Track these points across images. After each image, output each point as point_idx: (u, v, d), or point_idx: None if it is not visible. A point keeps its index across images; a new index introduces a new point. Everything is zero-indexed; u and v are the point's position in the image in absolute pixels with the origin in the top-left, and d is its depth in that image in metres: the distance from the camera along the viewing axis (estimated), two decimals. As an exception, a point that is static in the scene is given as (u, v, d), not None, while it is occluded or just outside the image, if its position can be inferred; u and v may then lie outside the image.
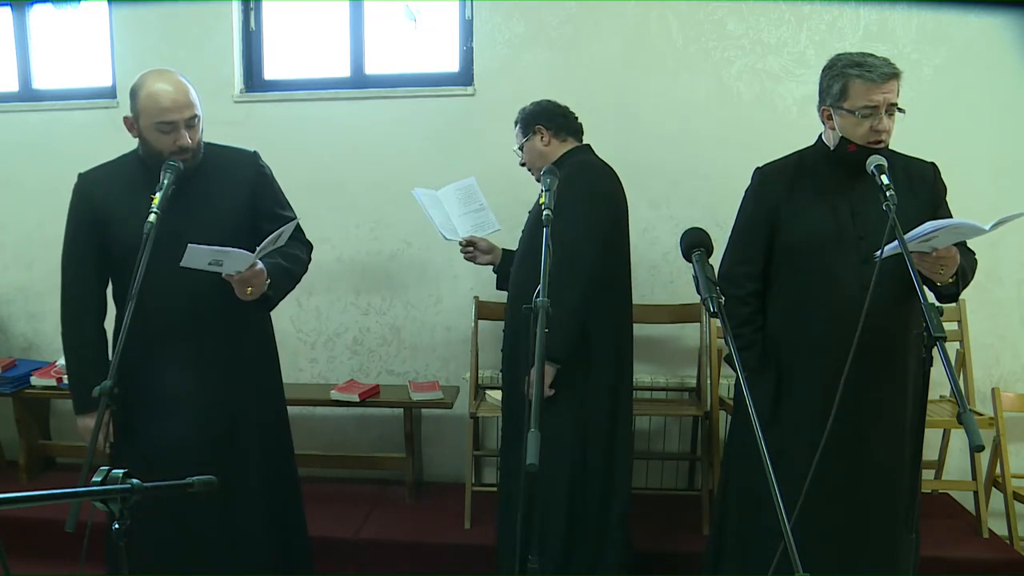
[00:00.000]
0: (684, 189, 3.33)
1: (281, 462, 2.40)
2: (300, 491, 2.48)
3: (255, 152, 2.33)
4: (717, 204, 3.10)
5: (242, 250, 1.96)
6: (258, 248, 1.99)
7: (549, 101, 2.63)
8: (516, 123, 2.66)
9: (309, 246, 2.40)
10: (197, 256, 1.93)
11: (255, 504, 2.28)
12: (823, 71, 2.14)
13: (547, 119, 2.59)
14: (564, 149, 2.57)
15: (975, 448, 1.55)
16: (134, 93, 2.08)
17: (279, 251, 2.15)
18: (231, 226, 2.14)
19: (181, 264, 1.93)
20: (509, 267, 2.68)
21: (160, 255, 1.91)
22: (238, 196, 2.22)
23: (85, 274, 2.20)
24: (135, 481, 1.34)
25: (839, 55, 2.11)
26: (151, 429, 2.17)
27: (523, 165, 2.67)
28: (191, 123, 2.08)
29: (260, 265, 2.06)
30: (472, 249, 2.82)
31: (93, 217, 2.18)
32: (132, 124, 2.11)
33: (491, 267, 2.85)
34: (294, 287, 2.31)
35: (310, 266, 2.37)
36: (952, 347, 3.13)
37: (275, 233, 2.02)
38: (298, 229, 2.34)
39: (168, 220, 1.98)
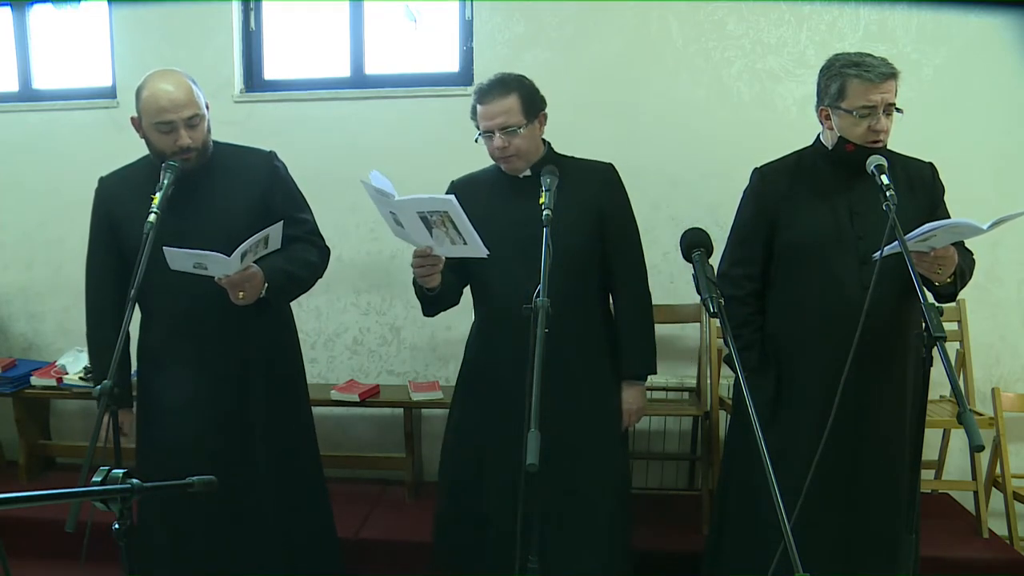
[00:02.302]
0: (684, 189, 3.33)
1: (299, 462, 2.37)
2: (326, 491, 2.48)
3: (271, 152, 2.30)
4: (717, 204, 3.09)
5: (221, 254, 1.92)
6: (236, 251, 1.94)
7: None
8: (501, 92, 2.15)
9: (324, 251, 2.34)
10: (178, 260, 1.93)
11: (265, 506, 2.27)
12: (821, 71, 2.14)
13: (545, 105, 2.23)
14: (543, 146, 2.27)
15: (975, 448, 1.55)
16: (138, 93, 2.09)
17: (283, 255, 2.13)
18: (240, 228, 2.09)
19: (171, 267, 1.93)
20: (451, 292, 2.26)
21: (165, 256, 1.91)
22: (249, 197, 2.19)
23: (105, 277, 2.22)
24: (135, 481, 1.34)
25: (837, 55, 2.11)
26: (161, 429, 2.19)
27: (502, 151, 2.17)
28: (192, 123, 2.07)
29: (255, 268, 2.04)
30: (438, 263, 2.06)
31: (109, 220, 2.20)
32: (138, 124, 2.12)
33: (429, 291, 2.15)
34: (301, 292, 2.29)
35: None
36: (952, 347, 3.12)
37: (256, 236, 1.97)
38: (314, 233, 2.33)
39: (174, 221, 1.99)
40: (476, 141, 2.25)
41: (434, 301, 2.23)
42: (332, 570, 2.48)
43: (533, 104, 2.17)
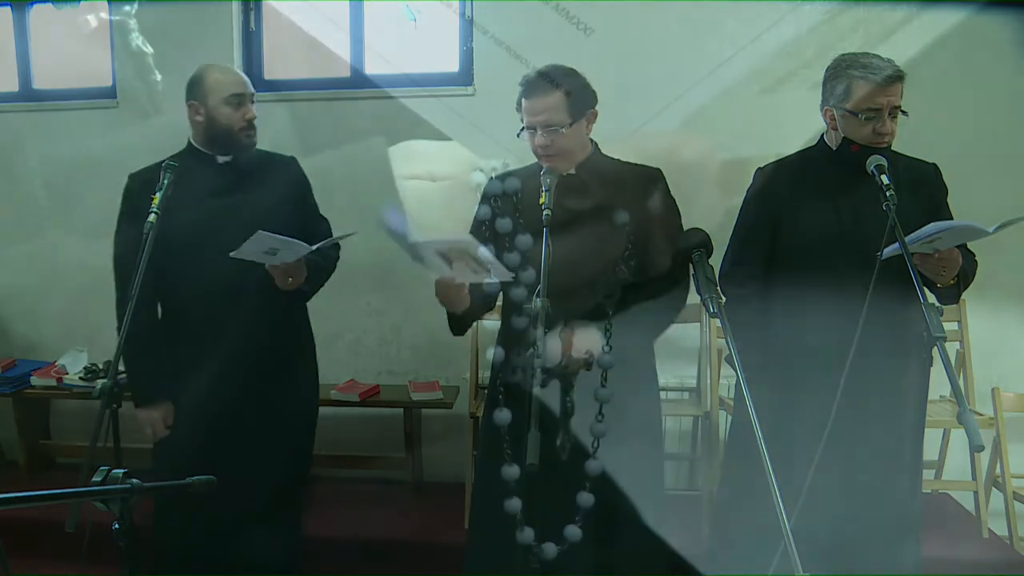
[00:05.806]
0: (684, 189, 3.31)
1: (301, 460, 2.49)
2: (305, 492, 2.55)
3: (294, 157, 2.48)
4: (717, 204, 3.09)
5: (300, 241, 2.09)
6: (316, 245, 2.15)
7: None
8: (546, 88, 1.96)
9: (339, 248, 2.52)
10: (260, 243, 2.03)
11: (273, 497, 2.36)
12: (826, 72, 2.13)
13: (595, 102, 2.06)
14: (590, 145, 2.12)
15: (975, 448, 1.55)
16: (198, 80, 2.24)
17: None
18: (277, 225, 2.14)
19: (233, 254, 2.02)
20: (482, 305, 2.11)
21: (207, 248, 2.07)
22: (284, 198, 2.34)
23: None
24: (135, 481, 1.35)
25: (843, 56, 2.11)
26: (188, 422, 2.26)
27: (544, 148, 1.99)
28: (252, 101, 2.28)
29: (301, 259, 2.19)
30: (463, 288, 1.93)
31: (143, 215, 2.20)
32: (198, 109, 2.24)
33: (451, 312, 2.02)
34: (323, 284, 2.47)
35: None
36: (952, 347, 3.12)
37: (334, 237, 2.28)
38: (330, 232, 2.46)
39: (218, 215, 2.15)
40: (518, 135, 2.08)
41: (462, 319, 2.07)
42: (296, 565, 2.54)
43: (581, 102, 1.99)
